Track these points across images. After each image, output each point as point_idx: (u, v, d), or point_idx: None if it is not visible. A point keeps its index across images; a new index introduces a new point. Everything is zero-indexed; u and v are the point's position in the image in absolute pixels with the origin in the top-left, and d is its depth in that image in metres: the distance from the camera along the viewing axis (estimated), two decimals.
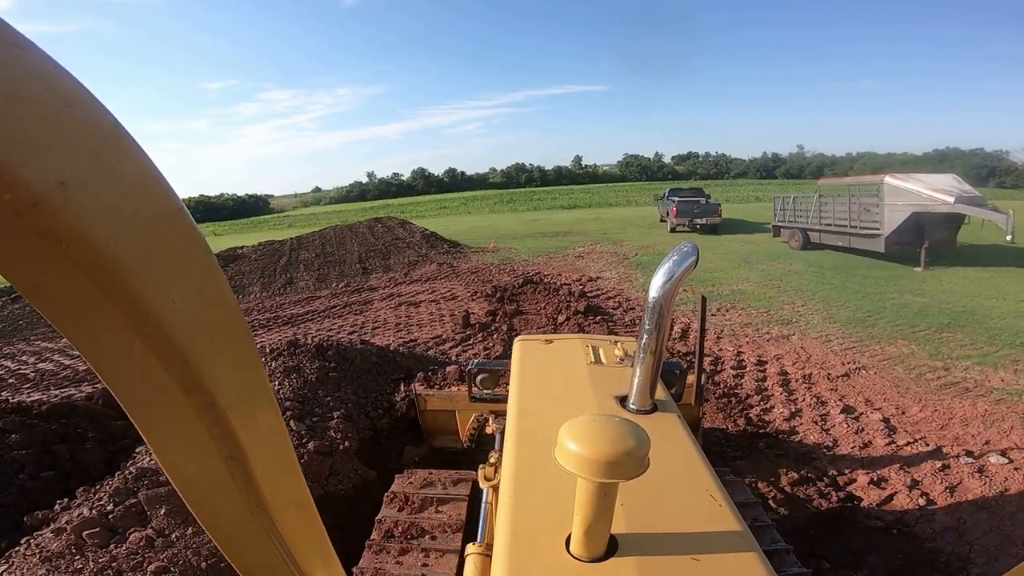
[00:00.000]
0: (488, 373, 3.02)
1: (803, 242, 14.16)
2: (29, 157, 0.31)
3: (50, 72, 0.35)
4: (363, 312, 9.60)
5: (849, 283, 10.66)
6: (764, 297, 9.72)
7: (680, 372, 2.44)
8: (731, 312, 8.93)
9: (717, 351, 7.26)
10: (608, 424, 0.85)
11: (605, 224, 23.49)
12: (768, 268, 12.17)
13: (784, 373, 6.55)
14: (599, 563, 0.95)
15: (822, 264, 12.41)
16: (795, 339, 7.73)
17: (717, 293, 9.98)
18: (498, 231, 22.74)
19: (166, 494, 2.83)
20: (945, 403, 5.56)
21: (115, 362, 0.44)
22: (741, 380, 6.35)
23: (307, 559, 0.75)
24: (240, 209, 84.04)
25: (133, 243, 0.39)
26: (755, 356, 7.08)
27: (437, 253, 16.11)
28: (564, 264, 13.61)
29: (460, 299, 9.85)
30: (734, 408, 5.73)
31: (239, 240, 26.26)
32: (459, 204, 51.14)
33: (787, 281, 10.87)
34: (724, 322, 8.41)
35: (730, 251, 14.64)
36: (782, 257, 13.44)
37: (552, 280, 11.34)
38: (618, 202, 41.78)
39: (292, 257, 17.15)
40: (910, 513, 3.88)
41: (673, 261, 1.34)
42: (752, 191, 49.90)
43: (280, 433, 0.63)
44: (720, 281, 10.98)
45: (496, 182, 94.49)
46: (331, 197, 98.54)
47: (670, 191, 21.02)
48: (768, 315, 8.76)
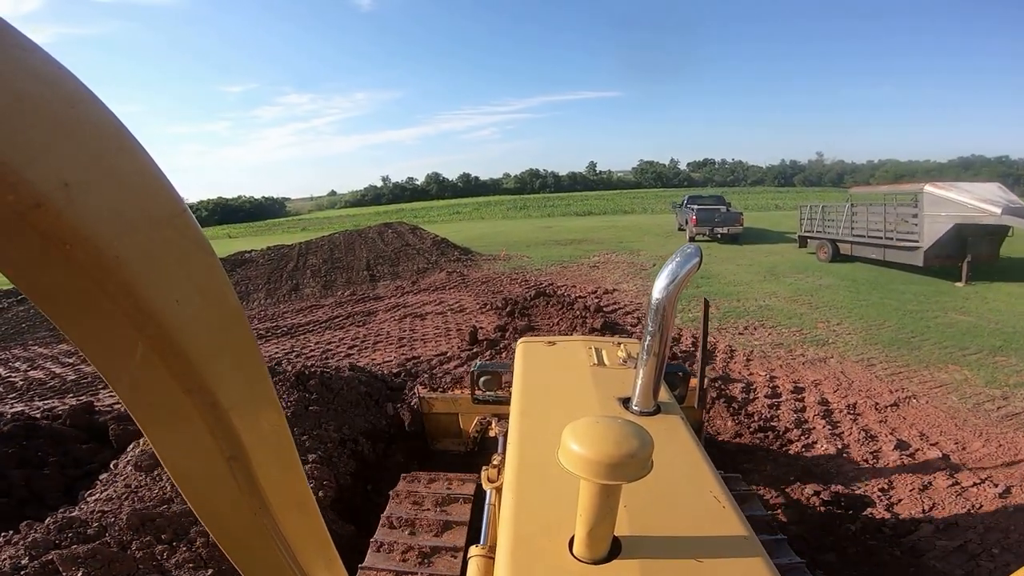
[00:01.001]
0: (491, 375, 2.99)
1: (832, 254, 13.38)
2: (33, 158, 0.32)
3: (53, 74, 0.35)
4: (366, 324, 9.09)
5: (887, 299, 9.92)
6: (795, 314, 9.02)
7: (683, 374, 2.44)
8: (759, 331, 8.26)
9: (748, 376, 6.61)
10: (611, 426, 0.85)
11: (621, 232, 22.84)
12: (797, 282, 11.45)
13: (825, 402, 5.90)
14: (602, 565, 0.94)
15: (855, 278, 11.65)
16: (834, 362, 7.05)
17: (743, 309, 9.30)
18: (511, 238, 22.21)
19: (85, 554, 2.33)
20: (1008, 436, 4.92)
21: (118, 363, 0.44)
22: (777, 411, 5.70)
23: (310, 560, 0.74)
24: (257, 211, 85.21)
25: (136, 244, 0.39)
26: (791, 382, 6.42)
27: (447, 260, 15.61)
28: (579, 274, 13.01)
29: (468, 312, 9.31)
30: (772, 443, 5.10)
31: (253, 243, 26.09)
32: (472, 209, 50.83)
33: (819, 296, 10.14)
34: (753, 342, 7.74)
35: (754, 262, 13.91)
36: (810, 270, 12.69)
37: (566, 292, 10.75)
38: (633, 209, 41.10)
39: (300, 262, 16.77)
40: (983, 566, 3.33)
41: (676, 263, 1.33)
42: (771, 199, 48.96)
43: (283, 434, 0.63)
44: (745, 296, 10.29)
45: (510, 187, 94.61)
46: (346, 201, 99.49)
47: (689, 198, 20.31)
48: (801, 334, 8.08)
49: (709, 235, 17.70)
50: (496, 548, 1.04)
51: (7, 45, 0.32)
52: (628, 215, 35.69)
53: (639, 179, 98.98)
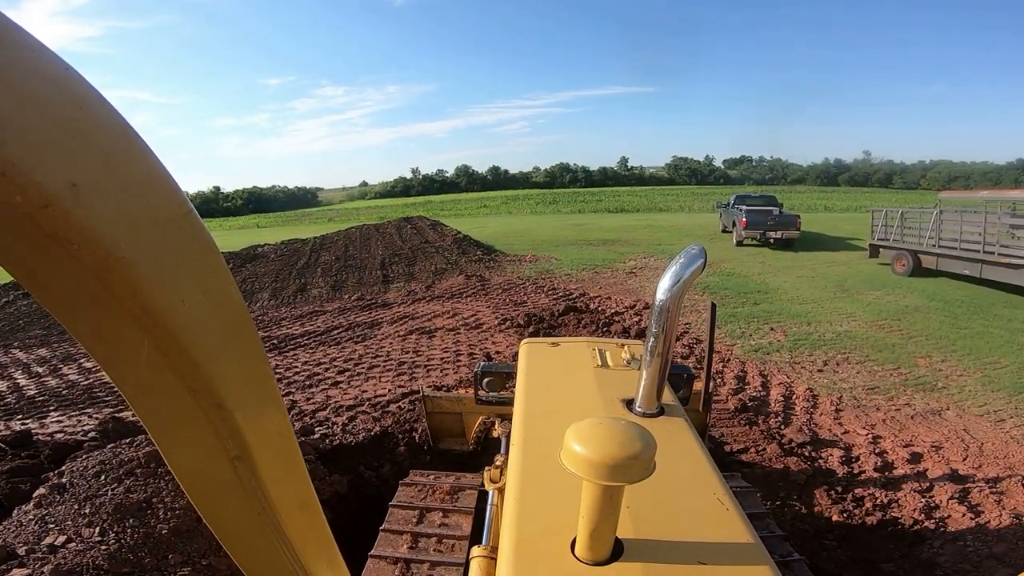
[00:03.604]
0: (494, 376, 2.98)
1: (912, 267, 11.48)
2: (41, 159, 0.32)
3: (62, 75, 0.35)
4: (366, 339, 7.82)
5: (992, 328, 8.12)
6: (884, 345, 7.34)
7: (687, 376, 2.44)
8: (845, 367, 6.63)
9: (842, 435, 5.06)
10: (614, 427, 0.85)
11: (658, 232, 21.08)
12: (876, 301, 9.66)
13: (957, 478, 4.36)
14: (604, 567, 0.94)
15: (946, 298, 9.79)
16: (952, 416, 5.44)
17: (818, 337, 7.64)
18: (538, 236, 20.72)
19: None
20: None
21: (124, 363, 0.44)
22: (896, 492, 4.18)
23: (312, 560, 0.74)
24: (290, 201, 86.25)
25: (143, 245, 0.39)
26: (901, 445, 4.86)
27: (468, 261, 14.27)
28: (613, 282, 11.48)
29: (485, 328, 7.94)
30: (897, 548, 3.60)
31: (280, 234, 25.21)
32: (500, 203, 49.49)
33: (909, 322, 8.39)
34: (838, 384, 6.14)
35: (817, 274, 12.11)
36: (888, 286, 10.84)
37: (600, 305, 9.27)
38: (669, 207, 39.00)
39: (311, 259, 15.67)
40: None
41: (680, 264, 1.34)
42: (816, 199, 46.04)
43: (287, 435, 0.63)
44: (818, 318, 8.60)
45: (539, 181, 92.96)
46: (376, 192, 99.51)
47: (736, 198, 18.37)
48: (899, 374, 6.43)
49: (760, 240, 15.84)
50: (498, 549, 1.06)
51: (16, 47, 0.32)
52: (664, 213, 33.69)
53: (672, 175, 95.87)
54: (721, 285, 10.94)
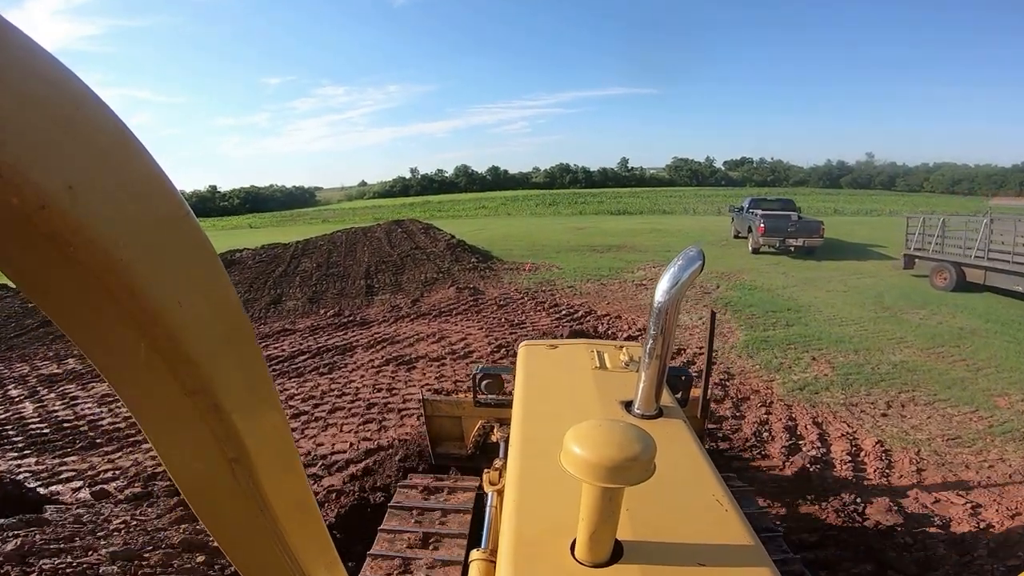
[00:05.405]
0: (493, 378, 3.00)
1: (956, 281, 10.29)
2: (37, 160, 0.32)
3: (59, 76, 0.35)
4: (334, 369, 6.61)
5: None
6: (953, 380, 6.14)
7: (685, 378, 2.47)
8: (913, 410, 5.43)
9: (933, 506, 3.88)
10: (613, 429, 0.84)
11: (665, 237, 19.86)
12: (924, 322, 8.46)
13: None
14: (604, 568, 0.93)
15: (1001, 318, 8.60)
16: None
17: (872, 370, 6.43)
18: (538, 240, 19.50)
19: None
20: None
21: (121, 365, 0.44)
22: None
23: (310, 561, 0.73)
24: (287, 201, 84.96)
25: (139, 246, 0.39)
26: (1008, 516, 3.71)
27: (461, 269, 13.06)
28: (622, 296, 10.27)
29: (476, 357, 6.73)
30: None
31: (273, 235, 23.85)
32: (499, 204, 48.21)
33: (970, 349, 7.19)
34: (912, 433, 4.95)
35: (850, 287, 10.90)
36: (932, 303, 9.64)
37: (610, 326, 8.07)
38: (672, 209, 37.78)
39: (291, 266, 14.40)
40: None
41: (678, 266, 1.33)
42: (823, 202, 44.77)
43: (284, 435, 0.63)
44: (865, 345, 7.37)
45: (539, 182, 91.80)
46: (374, 192, 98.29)
47: (751, 202, 17.13)
48: (980, 419, 5.24)
49: (778, 247, 14.64)
50: (497, 552, 1.04)
51: (11, 47, 0.32)
52: (668, 216, 32.47)
53: (673, 176, 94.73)
54: (745, 301, 9.73)
